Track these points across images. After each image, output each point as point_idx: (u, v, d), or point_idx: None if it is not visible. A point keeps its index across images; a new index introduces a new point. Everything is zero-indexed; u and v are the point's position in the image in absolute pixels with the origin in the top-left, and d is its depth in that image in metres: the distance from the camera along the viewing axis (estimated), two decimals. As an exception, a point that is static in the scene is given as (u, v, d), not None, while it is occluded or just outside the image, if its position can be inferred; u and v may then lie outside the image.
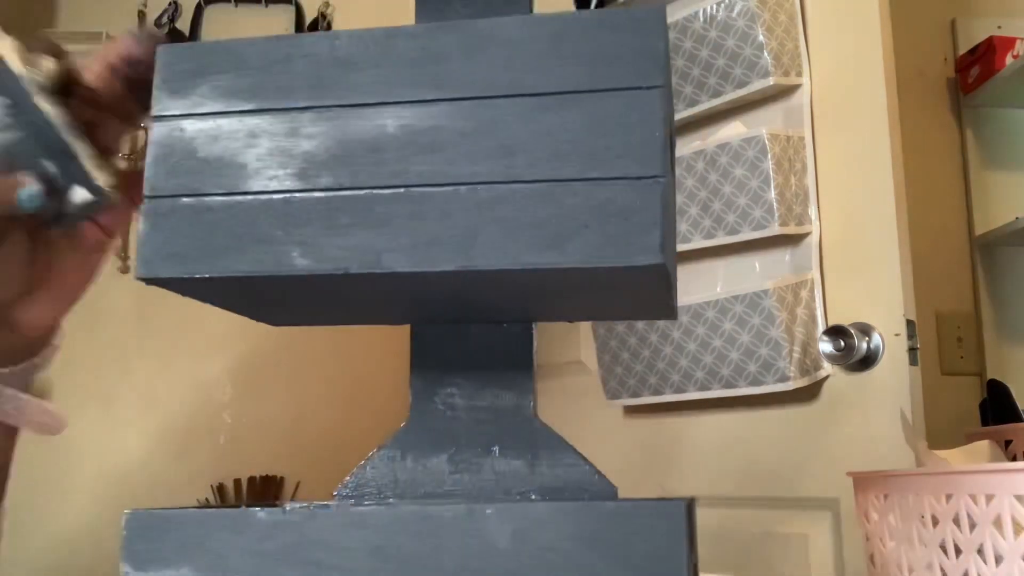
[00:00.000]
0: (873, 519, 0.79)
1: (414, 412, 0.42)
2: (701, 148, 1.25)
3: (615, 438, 1.45)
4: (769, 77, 1.20)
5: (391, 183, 0.34)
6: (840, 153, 1.20)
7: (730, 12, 1.22)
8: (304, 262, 0.34)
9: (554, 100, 0.34)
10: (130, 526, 0.37)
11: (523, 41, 0.35)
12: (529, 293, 0.38)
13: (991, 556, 0.63)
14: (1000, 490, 0.62)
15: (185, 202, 0.36)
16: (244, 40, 0.37)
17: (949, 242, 1.72)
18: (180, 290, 0.37)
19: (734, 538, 1.26)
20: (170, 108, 0.37)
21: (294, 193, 0.35)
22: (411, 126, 0.35)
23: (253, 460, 1.76)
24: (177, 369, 1.81)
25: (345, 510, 0.36)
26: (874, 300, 1.14)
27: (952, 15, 1.83)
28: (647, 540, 0.34)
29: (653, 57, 0.34)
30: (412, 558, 0.35)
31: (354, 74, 0.36)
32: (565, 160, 0.33)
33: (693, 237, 1.26)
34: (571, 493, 0.40)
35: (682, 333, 1.25)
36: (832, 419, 1.17)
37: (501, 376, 0.42)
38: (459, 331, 0.43)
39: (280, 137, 0.36)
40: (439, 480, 0.41)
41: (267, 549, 0.36)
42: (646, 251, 0.32)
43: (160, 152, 0.37)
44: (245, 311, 0.42)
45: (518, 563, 0.34)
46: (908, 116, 1.22)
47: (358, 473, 0.41)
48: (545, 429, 0.41)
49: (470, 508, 0.35)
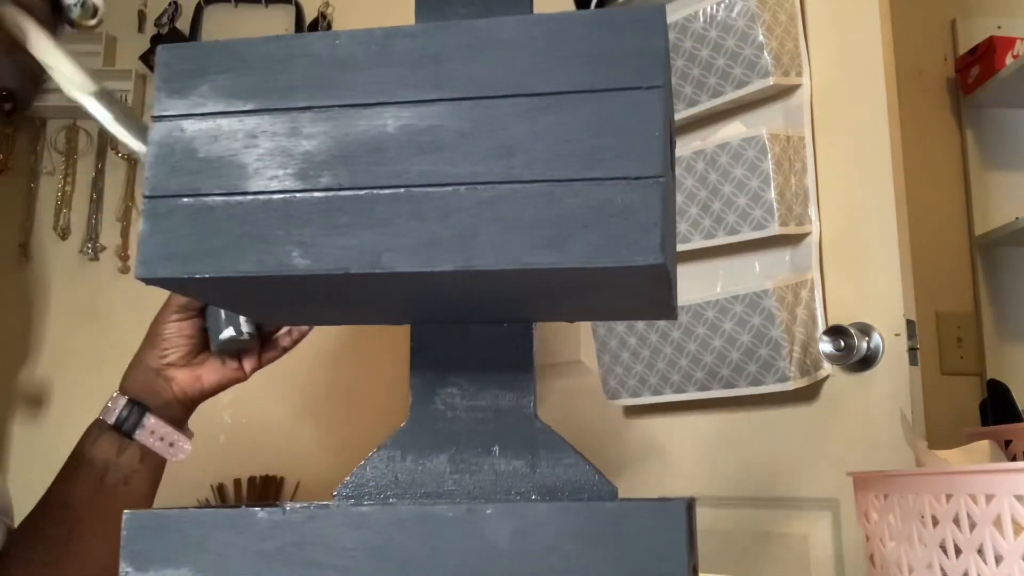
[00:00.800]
0: (873, 519, 0.79)
1: (414, 412, 0.42)
2: (701, 148, 1.25)
3: (615, 438, 1.45)
4: (769, 77, 1.20)
5: (391, 183, 0.34)
6: (840, 153, 1.20)
7: (730, 12, 1.22)
8: (304, 262, 0.34)
9: (554, 100, 0.34)
10: (130, 526, 0.37)
11: (523, 41, 0.35)
12: (529, 293, 0.38)
13: (991, 556, 0.63)
14: (1000, 490, 0.62)
15: (185, 202, 0.36)
16: (244, 40, 0.37)
17: (949, 242, 1.72)
18: (179, 290, 0.37)
19: (734, 538, 1.26)
20: (170, 108, 0.37)
21: (294, 193, 0.35)
22: (411, 126, 0.35)
23: (253, 460, 1.76)
24: (177, 369, 1.81)
25: (345, 510, 0.36)
26: (874, 300, 1.14)
27: (952, 15, 1.83)
28: (647, 540, 0.34)
29: (653, 57, 0.34)
30: (412, 558, 0.35)
31: (354, 74, 0.36)
32: (565, 160, 0.33)
33: (693, 237, 1.26)
34: (571, 493, 0.40)
35: (682, 333, 1.25)
36: (832, 419, 1.17)
37: (501, 376, 0.42)
38: (459, 331, 0.43)
39: (280, 137, 0.36)
40: (439, 480, 0.41)
41: (267, 549, 0.36)
42: (646, 251, 0.32)
43: (160, 152, 0.37)
44: (242, 311, 0.42)
45: (518, 563, 0.34)
46: (908, 116, 1.22)
47: (358, 473, 0.41)
48: (545, 429, 0.41)
49: (470, 508, 0.35)
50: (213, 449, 1.75)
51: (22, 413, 1.78)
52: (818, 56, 1.24)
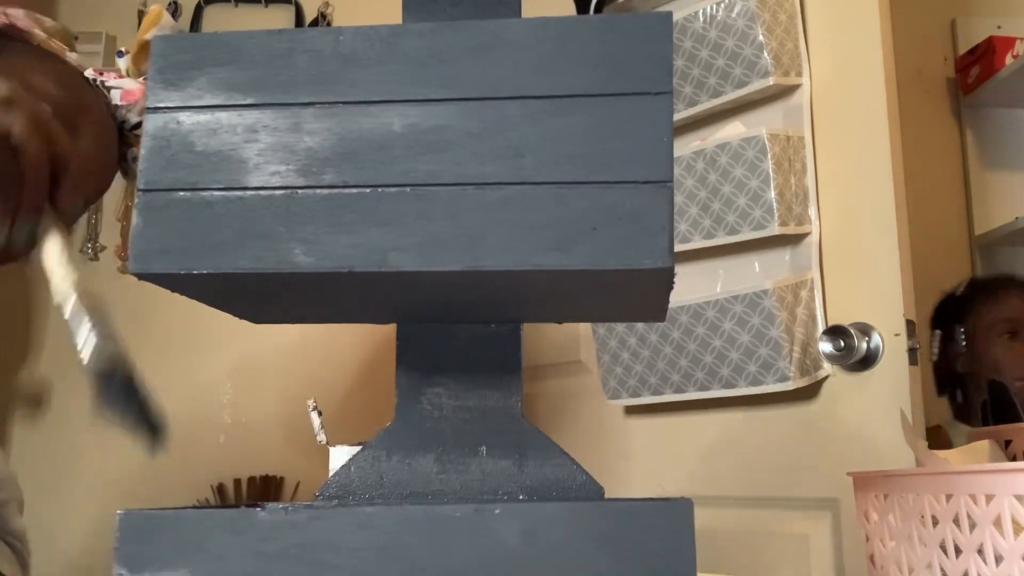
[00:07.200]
0: (873, 519, 0.79)
1: (400, 412, 0.42)
2: (701, 148, 1.25)
3: (615, 438, 1.45)
4: (769, 77, 1.20)
5: (397, 182, 0.34)
6: (840, 153, 1.20)
7: (730, 12, 1.22)
8: (307, 259, 0.34)
9: (563, 103, 0.34)
10: (124, 527, 0.36)
11: (531, 43, 0.35)
12: (532, 294, 0.38)
13: (991, 556, 0.63)
14: (1000, 490, 0.62)
15: (182, 196, 0.35)
16: (243, 33, 0.36)
17: (949, 242, 1.72)
18: (173, 286, 0.37)
19: (734, 538, 1.26)
20: (165, 100, 0.36)
21: (296, 190, 0.35)
22: (418, 125, 0.35)
23: (253, 460, 1.76)
24: (177, 369, 1.81)
25: (350, 510, 0.36)
26: (874, 300, 1.14)
27: (952, 15, 1.83)
28: (656, 539, 0.33)
29: (661, 63, 0.34)
30: (419, 558, 0.35)
31: (358, 71, 0.35)
32: (574, 163, 0.33)
33: (693, 237, 1.26)
34: (559, 493, 0.39)
35: (682, 333, 1.25)
36: (832, 419, 1.17)
37: (488, 376, 0.42)
38: (445, 331, 0.42)
39: (282, 132, 0.35)
40: (426, 480, 0.40)
41: (269, 550, 0.35)
42: (654, 254, 0.32)
43: (155, 144, 0.36)
44: (232, 308, 0.42)
45: (527, 563, 0.34)
46: (908, 116, 1.21)
47: (342, 472, 0.41)
48: (532, 429, 0.41)
49: (478, 508, 0.35)
50: (213, 449, 1.75)
51: (22, 413, 1.78)
52: (818, 56, 1.24)
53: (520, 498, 0.39)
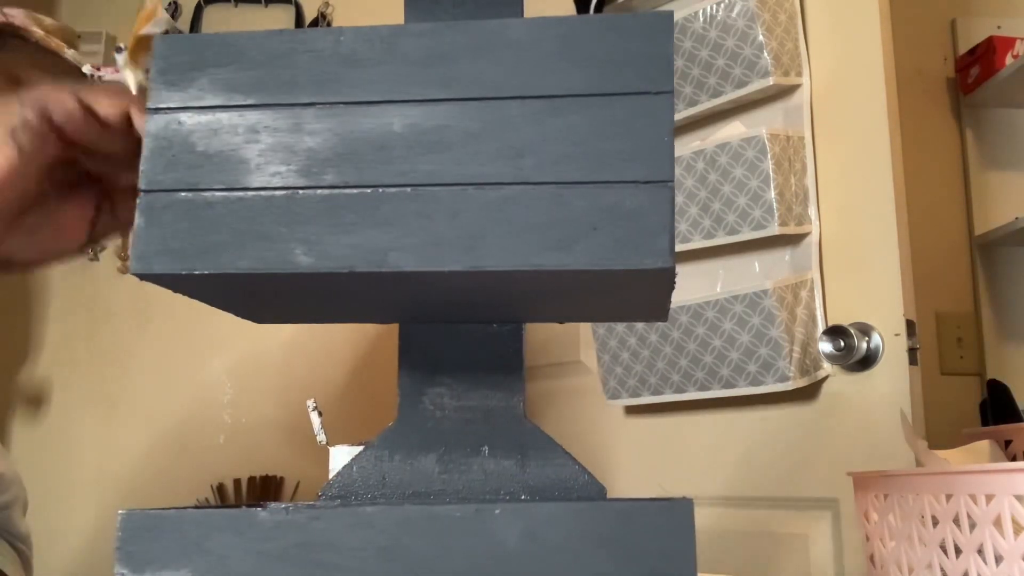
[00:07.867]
0: (873, 519, 0.79)
1: (402, 412, 0.42)
2: (701, 148, 1.25)
3: (615, 438, 1.45)
4: (769, 77, 1.20)
5: (398, 182, 0.34)
6: (840, 153, 1.20)
7: (730, 12, 1.22)
8: (308, 260, 0.34)
9: (563, 103, 0.34)
10: (125, 527, 0.36)
11: (532, 43, 0.34)
12: (534, 294, 0.38)
13: (991, 556, 0.63)
14: (1000, 490, 0.62)
15: (183, 196, 0.35)
16: (244, 33, 0.36)
17: (949, 242, 1.72)
18: (174, 286, 0.37)
19: (734, 538, 1.26)
20: (167, 100, 0.36)
21: (297, 190, 0.35)
22: (418, 125, 0.35)
23: (253, 460, 1.76)
24: (177, 369, 1.81)
25: (350, 510, 0.36)
26: (874, 300, 1.14)
27: (952, 15, 1.83)
28: (656, 539, 0.34)
29: (662, 63, 0.34)
30: (420, 559, 0.35)
31: (359, 71, 0.35)
32: (574, 162, 0.33)
33: (693, 237, 1.26)
34: (561, 493, 0.39)
35: (682, 333, 1.25)
36: (832, 419, 1.17)
37: (490, 376, 0.42)
38: (448, 331, 0.42)
39: (282, 133, 0.35)
40: (428, 480, 0.40)
41: (270, 550, 0.35)
42: (655, 254, 0.32)
43: (157, 145, 0.36)
44: (231, 308, 0.42)
45: (527, 563, 0.34)
46: (908, 116, 1.21)
47: (345, 472, 0.41)
48: (534, 429, 0.41)
49: (479, 508, 0.35)
50: (213, 449, 1.75)
51: (22, 413, 1.78)
52: (818, 56, 1.24)
53: (522, 498, 0.39)
